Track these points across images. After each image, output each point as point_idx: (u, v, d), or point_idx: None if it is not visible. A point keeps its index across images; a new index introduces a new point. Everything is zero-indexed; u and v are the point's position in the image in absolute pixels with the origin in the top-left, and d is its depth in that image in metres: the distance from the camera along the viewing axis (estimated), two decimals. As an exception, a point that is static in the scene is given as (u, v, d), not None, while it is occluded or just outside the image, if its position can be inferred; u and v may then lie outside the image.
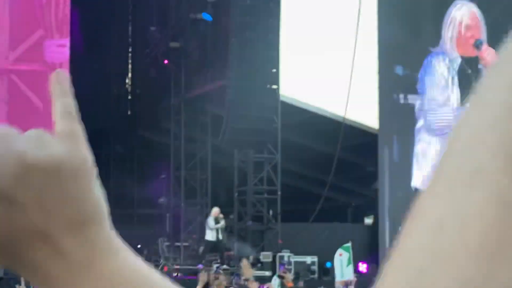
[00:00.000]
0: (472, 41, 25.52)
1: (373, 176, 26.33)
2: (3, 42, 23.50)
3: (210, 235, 22.64)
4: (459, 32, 25.52)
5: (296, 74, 26.67)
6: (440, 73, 25.63)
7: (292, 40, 25.52)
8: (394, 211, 25.71)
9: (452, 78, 25.52)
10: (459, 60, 25.53)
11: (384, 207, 25.74)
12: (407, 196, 25.54)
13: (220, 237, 22.64)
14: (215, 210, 22.84)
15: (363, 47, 25.73)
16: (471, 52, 25.56)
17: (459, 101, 25.38)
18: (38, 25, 23.68)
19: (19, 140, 0.79)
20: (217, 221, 22.45)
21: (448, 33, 25.58)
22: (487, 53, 25.17)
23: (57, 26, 23.77)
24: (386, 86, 25.97)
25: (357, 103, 26.28)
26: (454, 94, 25.51)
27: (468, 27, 25.68)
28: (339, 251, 14.60)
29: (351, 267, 12.97)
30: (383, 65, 26.16)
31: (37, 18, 23.62)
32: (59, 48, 23.79)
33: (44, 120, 23.65)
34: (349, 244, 17.14)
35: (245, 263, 9.16)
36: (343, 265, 13.31)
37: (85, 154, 0.80)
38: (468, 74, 25.32)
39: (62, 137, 0.80)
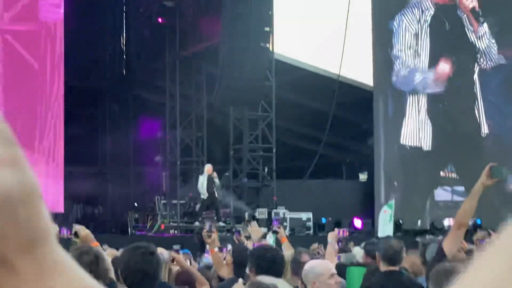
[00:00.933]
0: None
1: (368, 133, 26.50)
2: (-3, 2, 23.47)
3: (203, 194, 22.59)
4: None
5: (290, 33, 26.71)
6: (406, 27, 25.57)
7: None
8: (389, 167, 25.92)
9: (421, 30, 25.45)
10: (432, 11, 25.47)
11: (380, 163, 25.94)
12: (401, 152, 25.77)
13: (216, 195, 22.78)
14: (208, 168, 22.69)
15: (357, 3, 25.77)
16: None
17: (427, 52, 25.34)
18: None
19: None
20: (210, 180, 22.42)
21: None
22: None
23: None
24: (381, 42, 26.07)
25: (352, 60, 26.36)
26: (423, 47, 25.45)
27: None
28: (384, 208, 14.83)
29: (391, 224, 13.18)
30: (377, 20, 26.23)
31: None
32: (54, 8, 23.75)
33: (39, 80, 23.74)
34: (392, 202, 17.38)
35: (254, 228, 9.29)
36: (385, 222, 13.50)
37: (32, 180, 0.80)
38: (443, 23, 25.32)
39: (5, 165, 0.79)
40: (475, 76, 24.83)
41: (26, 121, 22.71)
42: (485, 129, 24.80)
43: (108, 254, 7.70)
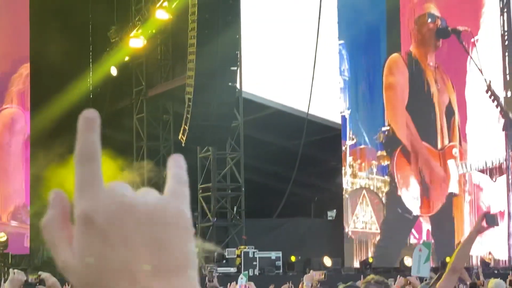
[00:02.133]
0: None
1: (336, 171, 26.50)
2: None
3: None
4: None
5: (258, 71, 26.74)
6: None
7: (253, 37, 25.59)
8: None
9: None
10: None
11: (348, 200, 25.94)
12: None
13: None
14: None
15: (326, 42, 25.90)
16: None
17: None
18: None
19: (127, 189, 0.87)
20: None
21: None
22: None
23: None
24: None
25: (320, 98, 26.43)
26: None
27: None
28: (419, 246, 14.69)
29: (428, 265, 13.00)
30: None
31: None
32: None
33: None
34: (431, 241, 17.27)
35: None
36: (420, 261, 13.33)
37: (182, 208, 0.87)
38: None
39: (168, 193, 0.88)
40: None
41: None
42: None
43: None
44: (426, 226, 25.90)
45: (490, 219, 5.54)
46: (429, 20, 26.21)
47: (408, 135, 25.88)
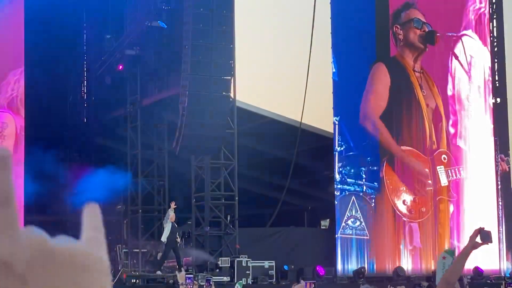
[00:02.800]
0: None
1: (329, 180, 26.58)
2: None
3: (164, 236, 22.73)
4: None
5: (252, 80, 26.87)
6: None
7: (247, 47, 25.73)
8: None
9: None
10: None
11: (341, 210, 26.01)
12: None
13: (179, 242, 22.73)
14: (172, 215, 22.92)
15: (319, 52, 26.03)
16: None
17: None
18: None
19: (45, 234, 0.90)
20: (174, 226, 22.56)
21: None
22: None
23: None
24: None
25: (313, 107, 26.57)
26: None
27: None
28: (443, 254, 14.68)
29: None
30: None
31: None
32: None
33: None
34: (454, 249, 17.30)
35: None
36: (445, 269, 13.33)
37: (101, 254, 0.90)
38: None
39: (85, 241, 0.91)
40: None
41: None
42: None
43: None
44: (416, 231, 26.00)
45: (484, 236, 5.58)
46: (415, 25, 26.36)
47: (389, 143, 26.00)
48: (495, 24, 27.22)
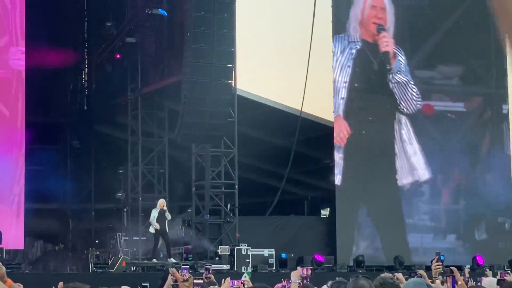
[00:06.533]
0: (375, 25, 26.05)
1: (330, 169, 26.58)
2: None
3: (152, 226, 22.70)
4: (363, 10, 25.98)
5: (253, 69, 26.82)
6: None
7: (248, 35, 25.66)
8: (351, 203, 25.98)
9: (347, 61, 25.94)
10: (359, 45, 25.94)
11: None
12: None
13: (167, 230, 22.72)
14: (161, 201, 22.84)
15: (320, 40, 25.96)
16: (372, 37, 26.02)
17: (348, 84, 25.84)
18: (4, 32, 23.45)
19: None
20: (161, 214, 22.51)
21: (354, 10, 26.07)
22: (385, 40, 25.72)
23: (21, 33, 23.53)
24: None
25: (314, 96, 26.51)
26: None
27: (373, 7, 26.18)
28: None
29: None
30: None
31: (3, 25, 23.39)
32: (23, 55, 23.56)
33: (10, 127, 23.49)
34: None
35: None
36: None
37: None
38: (369, 59, 25.86)
39: None
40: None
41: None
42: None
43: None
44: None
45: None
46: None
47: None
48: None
